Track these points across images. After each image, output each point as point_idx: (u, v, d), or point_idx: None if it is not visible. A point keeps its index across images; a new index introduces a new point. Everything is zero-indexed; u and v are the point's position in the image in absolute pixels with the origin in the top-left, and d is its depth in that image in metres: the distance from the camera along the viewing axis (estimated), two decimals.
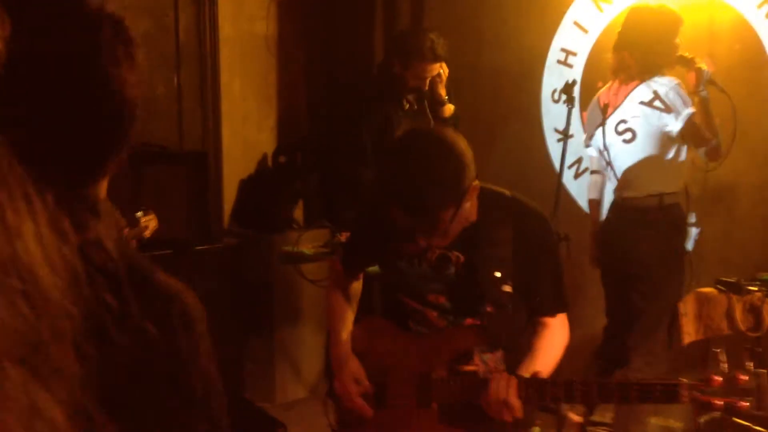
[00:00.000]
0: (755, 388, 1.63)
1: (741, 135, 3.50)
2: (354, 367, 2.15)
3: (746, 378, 1.68)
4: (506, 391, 1.87)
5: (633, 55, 3.31)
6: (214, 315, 3.59)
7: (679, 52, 3.32)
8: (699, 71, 3.26)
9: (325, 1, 5.21)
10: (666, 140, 3.32)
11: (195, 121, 4.86)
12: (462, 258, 2.05)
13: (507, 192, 2.10)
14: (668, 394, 1.78)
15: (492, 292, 1.99)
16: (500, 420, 1.91)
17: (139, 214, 3.09)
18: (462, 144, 1.93)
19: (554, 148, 4.30)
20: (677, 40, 3.32)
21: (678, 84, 3.29)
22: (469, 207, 1.97)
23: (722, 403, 1.71)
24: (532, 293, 2.07)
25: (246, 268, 4.50)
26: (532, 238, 2.04)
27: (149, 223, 3.11)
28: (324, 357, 4.59)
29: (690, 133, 3.25)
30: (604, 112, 3.40)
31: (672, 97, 3.27)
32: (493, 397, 1.88)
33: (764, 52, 3.69)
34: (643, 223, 3.36)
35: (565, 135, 3.27)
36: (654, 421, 3.80)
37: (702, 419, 3.34)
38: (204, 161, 4.51)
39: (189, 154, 4.54)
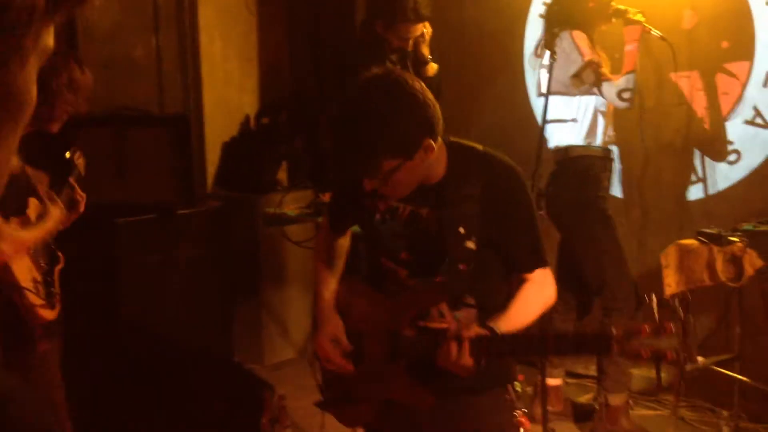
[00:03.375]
0: (682, 335, 1.65)
1: None
2: (333, 326, 2.15)
3: (673, 328, 1.68)
4: (458, 353, 1.87)
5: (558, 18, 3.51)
6: (200, 279, 3.59)
7: (615, 6, 3.45)
8: (631, 21, 3.40)
9: None
10: (567, 93, 3.51)
11: (175, 84, 4.81)
12: (432, 215, 2.03)
13: (479, 146, 2.06)
14: (600, 345, 1.80)
15: (454, 248, 1.97)
16: (458, 376, 1.91)
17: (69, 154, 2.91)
18: (419, 97, 1.86)
19: (538, 103, 4.29)
20: None
21: (568, 34, 3.42)
22: (425, 165, 1.94)
23: (649, 352, 1.72)
24: (507, 249, 2.05)
25: (231, 231, 4.49)
26: (503, 192, 2.00)
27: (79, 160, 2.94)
28: (311, 317, 4.62)
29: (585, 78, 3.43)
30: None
31: (568, 50, 3.41)
32: (444, 355, 1.89)
33: (746, 1, 3.66)
34: (557, 174, 3.61)
35: (547, 90, 3.29)
36: (637, 371, 3.86)
37: (687, 368, 3.38)
38: (185, 124, 4.47)
39: (170, 117, 4.50)
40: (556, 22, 3.51)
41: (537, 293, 2.06)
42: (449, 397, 2.04)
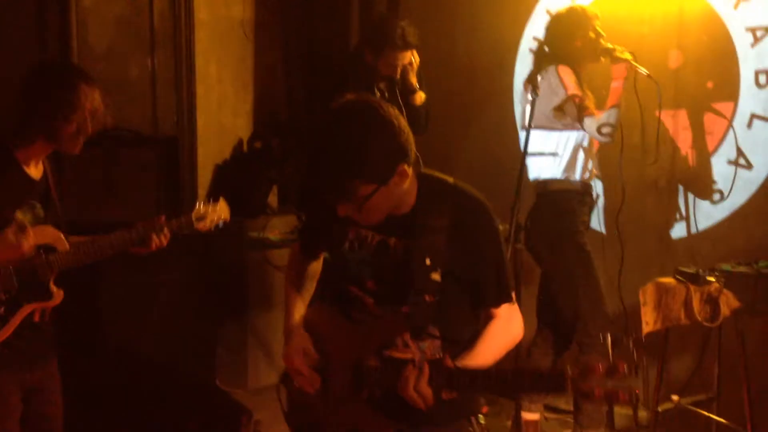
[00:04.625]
0: (635, 377, 1.66)
1: None
2: (302, 339, 2.14)
3: (626, 369, 1.68)
4: (416, 380, 1.88)
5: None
6: (186, 301, 3.56)
7: (603, 45, 3.50)
8: (619, 59, 3.44)
9: None
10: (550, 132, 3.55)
11: (170, 105, 4.84)
12: (399, 245, 2.04)
13: (450, 179, 2.09)
14: (555, 383, 1.79)
15: (420, 279, 1.98)
16: (415, 407, 1.91)
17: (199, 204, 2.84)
18: (395, 124, 1.90)
19: (523, 136, 4.30)
20: (591, 34, 3.52)
21: (554, 68, 3.48)
22: (399, 192, 1.96)
23: (602, 392, 1.72)
24: (473, 283, 2.05)
25: (218, 254, 4.50)
26: (470, 226, 2.02)
27: (208, 211, 2.86)
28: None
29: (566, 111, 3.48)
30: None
31: (553, 83, 3.46)
32: (404, 385, 1.90)
33: (732, 43, 3.69)
34: (536, 206, 3.64)
35: (529, 123, 3.32)
36: (619, 409, 3.84)
37: (661, 408, 3.37)
38: (175, 146, 4.50)
39: (160, 138, 4.52)
40: (544, 59, 3.56)
41: (503, 330, 2.07)
42: (411, 428, 2.03)
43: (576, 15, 3.59)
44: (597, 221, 3.91)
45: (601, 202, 3.84)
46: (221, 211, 2.88)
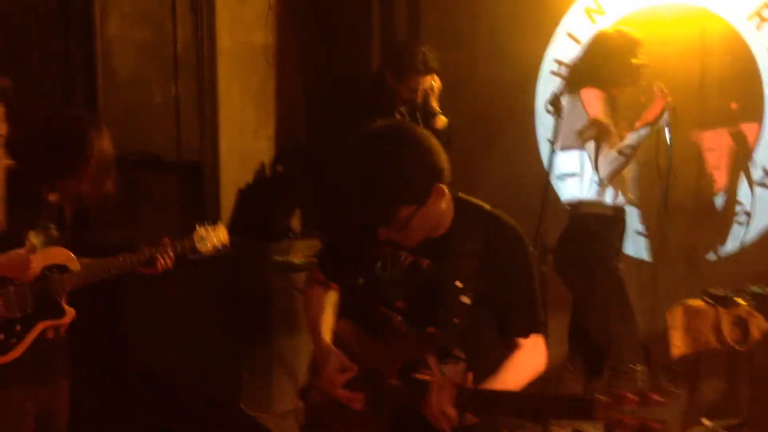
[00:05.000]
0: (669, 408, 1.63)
1: None
2: (337, 357, 2.11)
3: (659, 399, 1.65)
4: (442, 400, 1.87)
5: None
6: (212, 325, 3.59)
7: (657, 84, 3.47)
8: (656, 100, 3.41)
9: (323, 11, 5.24)
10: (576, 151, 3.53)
11: (193, 131, 4.90)
12: (432, 266, 2.05)
13: (487, 206, 2.11)
14: (583, 410, 1.75)
15: (449, 301, 1.99)
16: (442, 429, 1.90)
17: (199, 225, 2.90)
18: (427, 144, 1.92)
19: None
20: (633, 60, 3.47)
21: (578, 92, 3.49)
22: (437, 212, 1.97)
23: (634, 422, 1.66)
24: (502, 311, 2.05)
25: (243, 278, 4.51)
26: (504, 255, 2.03)
27: (208, 234, 2.90)
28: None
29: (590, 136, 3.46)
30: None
31: (578, 106, 3.46)
32: (428, 405, 1.89)
33: (755, 63, 3.68)
34: (568, 228, 3.59)
35: (551, 147, 3.31)
36: None
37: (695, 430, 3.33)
38: (199, 171, 4.54)
39: (184, 163, 4.56)
40: (573, 81, 3.54)
41: (527, 361, 2.06)
42: None
43: (622, 38, 3.54)
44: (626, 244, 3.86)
45: (630, 225, 3.80)
46: (220, 234, 2.93)
